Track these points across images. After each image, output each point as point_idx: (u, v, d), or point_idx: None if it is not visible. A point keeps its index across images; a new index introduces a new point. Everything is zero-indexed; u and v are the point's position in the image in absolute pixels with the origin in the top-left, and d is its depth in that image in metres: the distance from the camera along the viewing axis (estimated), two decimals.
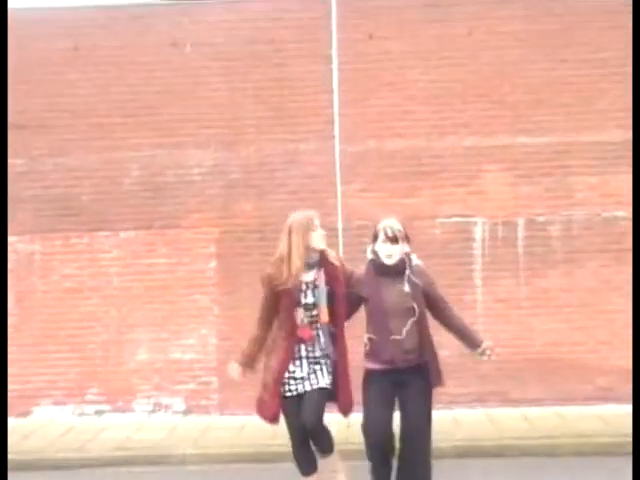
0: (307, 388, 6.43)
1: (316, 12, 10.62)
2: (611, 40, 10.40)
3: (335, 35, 10.65)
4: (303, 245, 6.31)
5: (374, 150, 10.67)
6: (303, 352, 6.46)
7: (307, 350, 6.46)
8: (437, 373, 6.50)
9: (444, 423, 9.03)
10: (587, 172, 10.56)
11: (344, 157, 10.67)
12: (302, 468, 6.59)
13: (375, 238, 6.49)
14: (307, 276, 6.40)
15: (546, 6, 10.59)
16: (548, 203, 10.62)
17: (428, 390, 6.46)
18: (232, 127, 10.71)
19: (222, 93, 10.71)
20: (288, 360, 6.39)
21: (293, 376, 6.45)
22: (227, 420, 10.20)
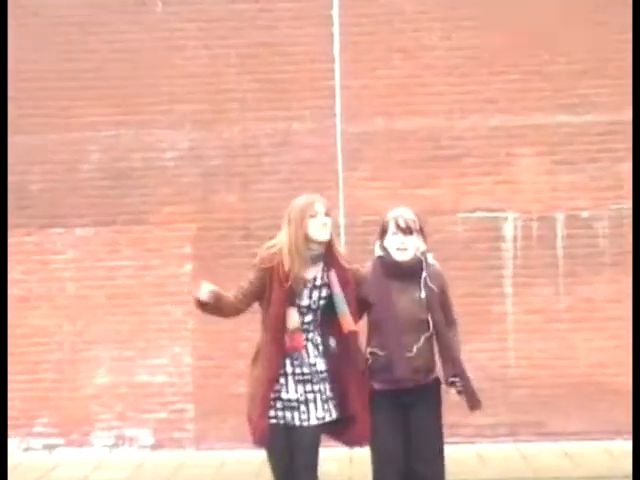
0: (296, 422, 6.04)
1: None
2: None
3: None
4: (301, 235, 6.01)
5: (382, 130, 10.31)
6: (288, 368, 6.13)
7: (293, 365, 6.12)
8: (471, 393, 6.15)
9: (466, 460, 9.04)
10: None
11: (346, 139, 10.32)
12: None
13: (384, 232, 6.13)
14: (307, 273, 6.08)
15: None
16: (593, 195, 10.21)
17: (438, 414, 6.22)
18: (211, 102, 10.34)
19: (200, 61, 10.36)
20: (276, 369, 6.09)
21: (279, 396, 6.09)
22: (204, 456, 9.94)
